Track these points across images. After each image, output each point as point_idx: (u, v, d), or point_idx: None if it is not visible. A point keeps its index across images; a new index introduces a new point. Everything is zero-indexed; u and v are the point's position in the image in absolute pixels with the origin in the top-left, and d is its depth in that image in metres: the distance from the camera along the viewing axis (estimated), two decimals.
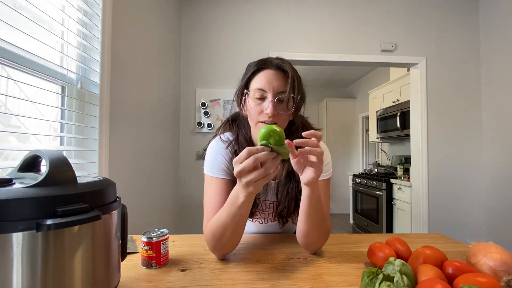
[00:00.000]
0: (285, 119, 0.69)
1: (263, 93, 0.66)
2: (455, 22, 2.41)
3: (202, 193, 0.74)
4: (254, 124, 0.69)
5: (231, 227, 0.59)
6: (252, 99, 0.67)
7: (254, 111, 0.67)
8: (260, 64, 0.69)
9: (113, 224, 0.44)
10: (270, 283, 0.54)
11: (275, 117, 0.65)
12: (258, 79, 0.67)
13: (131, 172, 1.41)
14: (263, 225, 0.83)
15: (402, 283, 0.45)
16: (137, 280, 0.55)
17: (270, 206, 0.78)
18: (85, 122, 1.11)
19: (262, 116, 0.66)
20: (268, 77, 0.66)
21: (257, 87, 0.66)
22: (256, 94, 0.66)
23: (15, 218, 0.33)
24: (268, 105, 0.64)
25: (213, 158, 0.72)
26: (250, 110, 0.68)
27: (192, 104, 2.32)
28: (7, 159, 0.82)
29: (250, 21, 2.35)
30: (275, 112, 0.64)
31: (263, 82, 0.66)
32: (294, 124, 0.76)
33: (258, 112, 0.67)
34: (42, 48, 0.87)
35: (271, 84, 0.65)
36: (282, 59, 0.69)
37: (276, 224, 0.82)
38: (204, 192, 0.72)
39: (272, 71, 0.67)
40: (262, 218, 0.81)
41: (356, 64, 2.45)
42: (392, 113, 3.16)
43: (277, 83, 0.66)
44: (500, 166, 2.23)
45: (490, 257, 0.51)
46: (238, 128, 0.76)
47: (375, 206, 3.07)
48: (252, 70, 0.69)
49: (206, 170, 0.73)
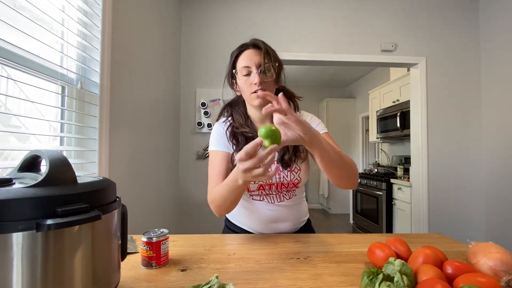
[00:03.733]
0: (271, 86, 0.82)
1: (248, 69, 0.78)
2: (455, 22, 2.41)
3: (203, 192, 0.75)
4: (248, 96, 0.81)
5: (230, 199, 0.71)
6: (241, 77, 0.80)
7: (245, 85, 0.80)
8: (240, 48, 0.83)
9: (113, 224, 0.44)
10: (270, 283, 0.54)
11: (263, 85, 0.77)
12: (242, 59, 0.81)
13: (131, 172, 1.41)
14: (271, 205, 0.85)
15: (402, 283, 0.45)
16: (137, 280, 0.55)
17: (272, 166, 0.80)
18: (85, 122, 1.11)
19: (252, 87, 0.78)
20: (249, 55, 0.80)
21: (243, 66, 0.79)
22: (243, 72, 0.79)
23: (15, 218, 0.33)
24: (254, 76, 0.77)
25: (215, 136, 0.86)
26: (241, 86, 0.81)
27: (192, 104, 2.32)
28: (7, 159, 0.82)
29: (250, 21, 2.35)
30: (261, 81, 0.77)
31: (246, 60, 0.79)
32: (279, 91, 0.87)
33: (248, 85, 0.79)
34: (42, 48, 0.87)
35: (252, 60, 0.79)
36: (256, 39, 0.84)
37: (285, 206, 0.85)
38: (209, 165, 0.85)
39: (250, 50, 0.81)
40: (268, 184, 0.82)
41: (356, 64, 2.45)
42: (392, 113, 3.16)
43: (257, 58, 0.79)
44: (500, 166, 2.23)
45: (490, 257, 0.51)
46: (233, 108, 0.90)
47: (375, 206, 3.07)
48: (235, 54, 0.83)
49: (211, 147, 0.86)
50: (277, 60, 0.82)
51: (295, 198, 0.88)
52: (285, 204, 0.86)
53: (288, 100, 0.86)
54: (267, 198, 0.85)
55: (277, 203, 0.85)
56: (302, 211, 0.91)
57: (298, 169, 0.84)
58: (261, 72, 0.78)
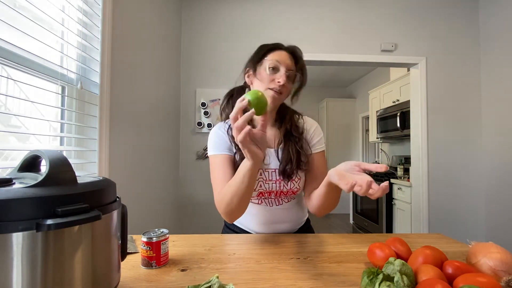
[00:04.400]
0: (288, 93, 0.82)
1: (279, 64, 0.77)
2: (455, 22, 2.41)
3: (203, 192, 0.75)
4: (263, 89, 0.78)
5: (240, 192, 0.67)
6: (266, 69, 0.78)
7: (266, 78, 0.77)
8: (277, 44, 0.82)
9: (113, 224, 0.44)
10: (270, 283, 0.54)
11: (283, 88, 0.77)
12: (275, 54, 0.79)
13: (131, 172, 1.41)
14: (269, 208, 0.84)
15: (402, 283, 0.45)
16: (137, 280, 0.55)
17: (273, 174, 0.82)
18: (85, 122, 1.11)
19: (273, 83, 0.77)
20: (283, 55, 0.79)
21: (275, 58, 0.78)
22: (271, 64, 0.77)
23: (15, 218, 0.33)
24: (281, 76, 0.76)
25: (216, 140, 0.82)
26: (263, 76, 0.78)
27: (192, 104, 2.32)
28: (7, 159, 0.82)
29: (250, 21, 2.35)
30: (285, 83, 0.76)
31: (280, 56, 0.78)
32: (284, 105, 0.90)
33: (270, 80, 0.77)
34: (42, 48, 0.87)
35: (285, 61, 0.78)
36: (295, 46, 0.83)
37: (282, 209, 0.85)
38: (211, 170, 0.80)
39: (286, 52, 0.80)
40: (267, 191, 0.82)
41: (356, 64, 2.45)
42: (392, 113, 3.16)
43: (290, 62, 0.79)
44: (500, 166, 2.23)
45: (490, 257, 0.51)
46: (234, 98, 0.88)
47: (375, 206, 3.07)
48: (269, 47, 0.81)
49: (210, 151, 0.82)
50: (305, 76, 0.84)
51: (294, 201, 0.88)
52: (284, 207, 0.86)
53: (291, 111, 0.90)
54: (266, 201, 0.84)
55: (276, 206, 0.85)
56: (301, 212, 0.91)
57: (299, 178, 0.83)
58: (287, 76, 0.77)
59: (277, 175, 0.82)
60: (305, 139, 0.86)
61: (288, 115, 0.88)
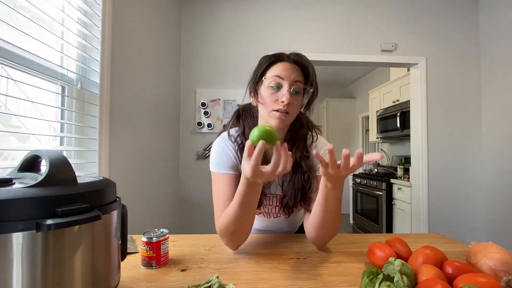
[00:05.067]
0: (296, 110, 0.71)
1: (280, 81, 0.67)
2: (455, 22, 2.41)
3: (203, 193, 0.74)
4: (267, 112, 0.70)
5: (242, 217, 0.61)
6: (267, 88, 0.69)
7: (269, 99, 0.68)
8: (277, 56, 0.71)
9: (113, 224, 0.44)
10: (270, 283, 0.54)
11: (289, 107, 0.67)
12: (275, 69, 0.69)
13: (131, 172, 1.41)
14: (267, 219, 0.83)
15: (402, 283, 0.45)
16: (137, 280, 0.55)
17: (273, 199, 0.79)
18: (85, 122, 1.11)
19: (277, 104, 0.67)
20: (285, 68, 0.69)
21: (274, 74, 0.68)
22: (272, 82, 0.68)
23: (15, 218, 0.33)
24: (284, 93, 0.66)
25: (219, 155, 0.73)
26: (265, 98, 0.69)
27: (192, 104, 2.32)
28: (7, 159, 0.82)
29: (250, 21, 2.34)
30: (290, 101, 0.66)
31: (281, 71, 0.68)
32: (299, 118, 0.78)
33: (273, 100, 0.68)
34: (42, 48, 0.87)
35: (288, 74, 0.67)
36: (298, 54, 0.72)
37: (280, 220, 0.83)
38: (213, 189, 0.73)
39: (289, 63, 0.70)
40: (266, 213, 0.81)
41: (356, 64, 2.45)
42: (392, 113, 3.15)
43: (294, 75, 0.68)
44: (500, 165, 2.23)
45: (490, 257, 0.51)
46: (245, 121, 0.78)
47: (375, 206, 3.07)
48: (270, 60, 0.71)
49: (213, 167, 0.74)
50: (314, 86, 0.71)
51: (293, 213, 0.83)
52: (282, 219, 0.83)
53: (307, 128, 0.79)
54: (264, 213, 0.82)
55: (273, 218, 0.83)
56: (299, 217, 0.90)
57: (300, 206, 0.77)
58: (293, 92, 0.68)
59: (277, 201, 0.78)
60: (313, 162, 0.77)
61: (300, 140, 0.77)
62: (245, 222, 0.64)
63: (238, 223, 0.62)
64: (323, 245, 0.72)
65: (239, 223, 0.63)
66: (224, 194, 0.69)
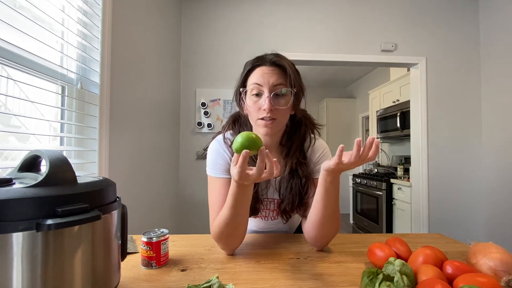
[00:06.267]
0: (284, 114, 0.69)
1: (260, 88, 0.66)
2: (455, 22, 2.41)
3: (203, 193, 0.74)
4: (254, 121, 0.69)
5: (235, 219, 0.61)
6: (250, 97, 0.68)
7: (252, 108, 0.67)
8: (255, 61, 0.69)
9: (113, 224, 0.44)
10: (270, 283, 0.54)
11: (274, 113, 0.65)
12: (254, 76, 0.68)
13: (131, 172, 1.41)
14: (265, 221, 0.83)
15: (402, 283, 0.45)
16: (137, 280, 0.55)
17: (271, 204, 0.78)
18: (85, 122, 1.11)
19: (261, 112, 0.66)
20: (263, 72, 0.67)
21: (253, 82, 0.67)
22: (253, 91, 0.67)
23: (15, 218, 0.33)
24: (264, 101, 0.65)
25: (215, 159, 0.73)
26: (249, 108, 0.68)
27: (192, 104, 2.32)
28: (7, 159, 0.82)
29: (250, 21, 2.34)
30: (272, 107, 0.64)
31: (259, 78, 0.66)
32: (296, 117, 0.77)
33: (256, 109, 0.67)
34: (42, 48, 0.87)
35: (266, 79, 0.66)
36: (277, 55, 0.70)
37: (278, 222, 0.82)
38: (209, 192, 0.74)
39: (267, 67, 0.68)
40: (263, 216, 0.81)
41: (356, 64, 2.45)
42: (392, 113, 3.15)
43: (273, 79, 0.66)
44: (500, 165, 2.23)
45: (490, 257, 0.51)
46: (241, 126, 0.77)
47: (375, 206, 3.07)
48: (248, 67, 0.69)
49: (209, 171, 0.74)
50: (297, 84, 0.68)
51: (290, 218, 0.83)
52: (280, 220, 0.82)
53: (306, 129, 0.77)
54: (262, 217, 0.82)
55: (271, 221, 0.83)
56: (297, 218, 0.89)
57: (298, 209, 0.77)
58: (275, 96, 0.66)
59: (275, 206, 0.78)
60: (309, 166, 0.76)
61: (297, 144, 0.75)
62: (239, 224, 0.63)
63: (232, 225, 0.62)
64: (323, 245, 0.72)
65: (233, 225, 0.62)
66: (219, 199, 0.69)
